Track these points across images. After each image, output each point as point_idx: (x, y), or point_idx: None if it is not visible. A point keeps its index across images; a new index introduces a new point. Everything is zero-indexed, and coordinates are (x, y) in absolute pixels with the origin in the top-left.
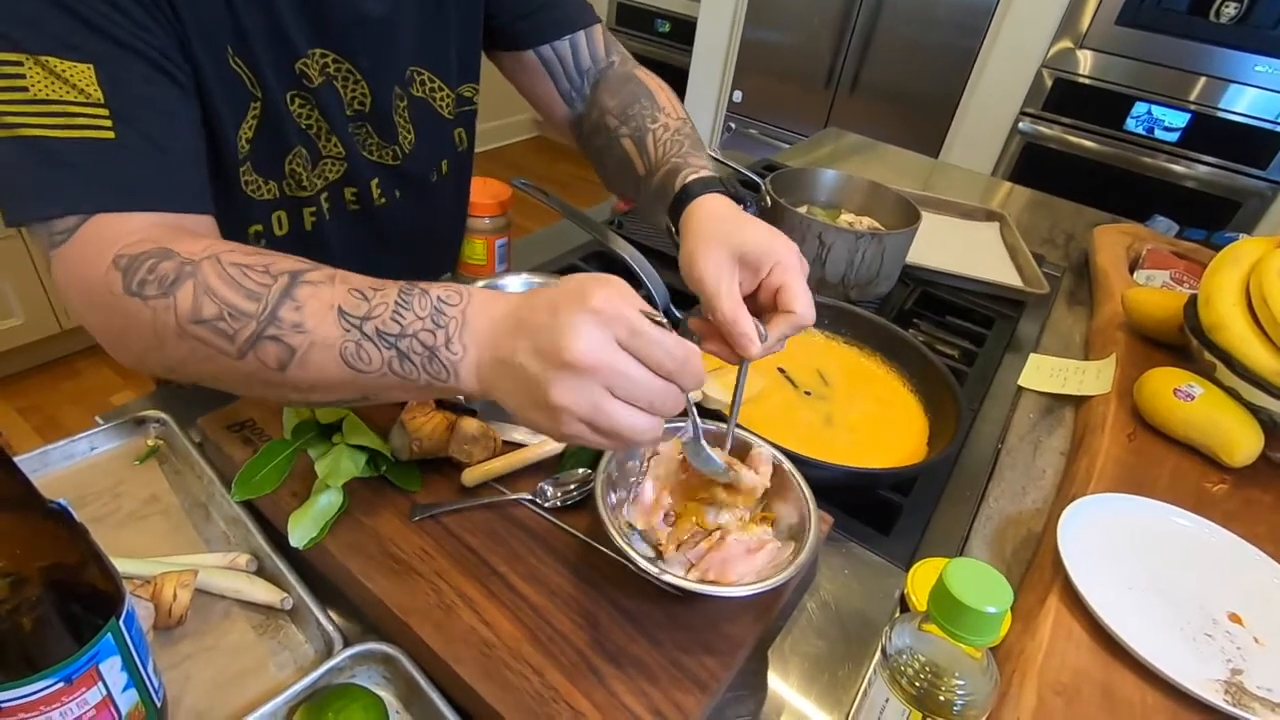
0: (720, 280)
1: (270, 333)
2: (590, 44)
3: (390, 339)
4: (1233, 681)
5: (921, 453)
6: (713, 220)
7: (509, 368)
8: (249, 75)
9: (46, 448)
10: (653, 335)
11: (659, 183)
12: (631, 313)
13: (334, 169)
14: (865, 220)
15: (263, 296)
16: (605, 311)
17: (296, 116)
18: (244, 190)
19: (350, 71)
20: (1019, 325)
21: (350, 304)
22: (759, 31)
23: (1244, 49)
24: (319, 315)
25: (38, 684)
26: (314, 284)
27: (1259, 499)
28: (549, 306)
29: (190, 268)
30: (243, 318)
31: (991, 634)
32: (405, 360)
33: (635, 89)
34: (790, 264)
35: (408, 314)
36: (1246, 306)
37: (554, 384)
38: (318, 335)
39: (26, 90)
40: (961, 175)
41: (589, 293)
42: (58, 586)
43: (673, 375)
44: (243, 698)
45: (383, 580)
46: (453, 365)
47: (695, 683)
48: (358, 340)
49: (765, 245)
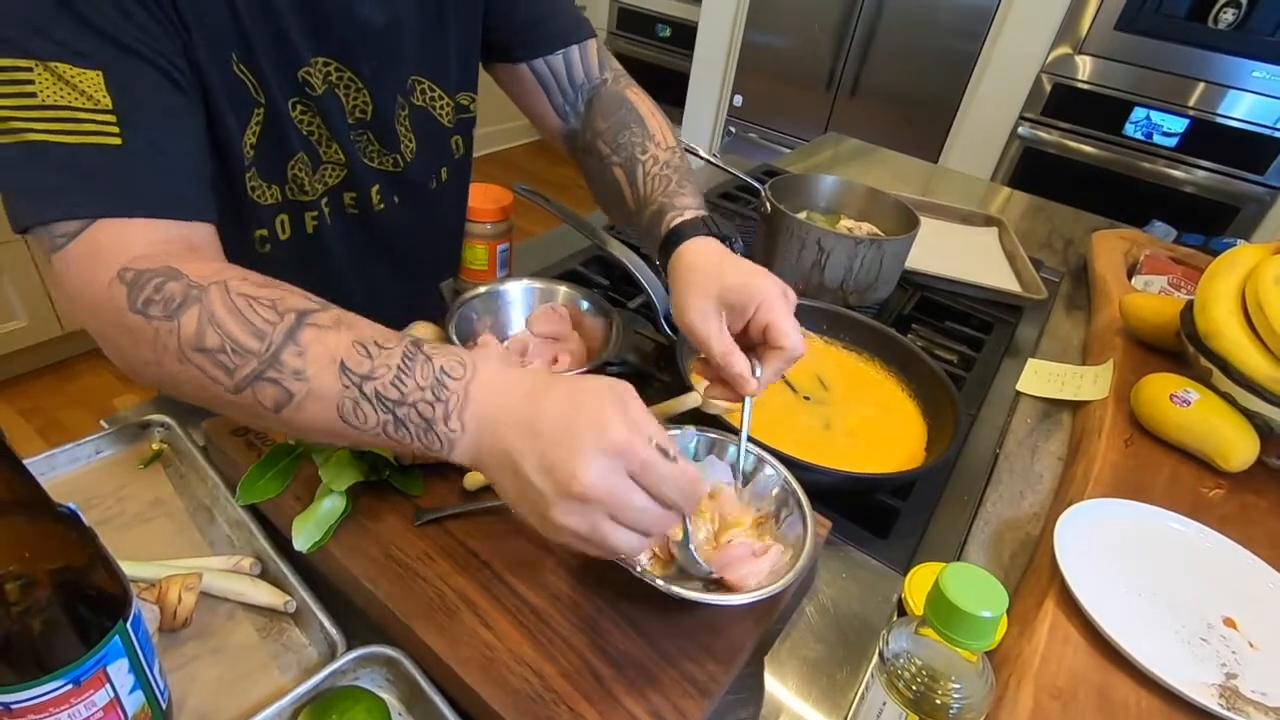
0: (709, 327)
1: (270, 375)
2: (584, 59)
3: (389, 404)
4: (1228, 685)
5: (920, 457)
6: (697, 267)
7: (512, 471)
8: (252, 82)
9: (52, 451)
10: (662, 471)
11: (648, 221)
12: (645, 448)
13: (334, 174)
14: (864, 226)
15: (267, 335)
16: (620, 446)
17: (299, 123)
18: (250, 195)
19: (353, 80)
20: (1017, 330)
21: (353, 360)
22: (759, 36)
23: (1242, 55)
24: (320, 365)
25: (47, 686)
26: (319, 328)
27: (1254, 504)
28: (565, 423)
29: (197, 292)
30: (244, 354)
31: (987, 638)
32: (401, 427)
33: (626, 115)
34: (773, 302)
35: (409, 381)
36: (1242, 313)
37: (558, 505)
38: (316, 385)
39: (35, 96)
40: (961, 180)
41: (608, 423)
42: (67, 589)
43: (675, 504)
44: (246, 700)
45: (386, 583)
46: (449, 441)
47: (695, 686)
48: (356, 399)
49: (747, 287)
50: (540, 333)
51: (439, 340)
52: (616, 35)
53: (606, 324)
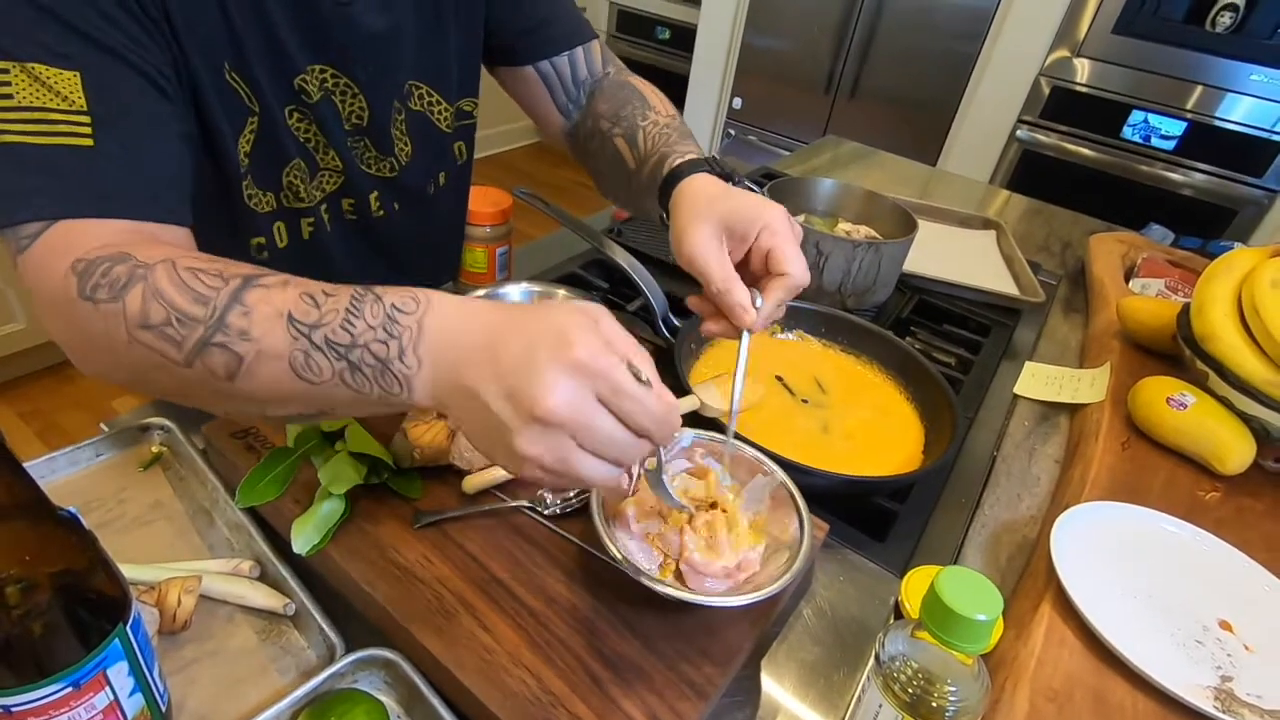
0: (708, 253)
1: (217, 339)
2: (588, 58)
3: (340, 349)
4: (1223, 688)
5: (917, 460)
6: (699, 197)
7: (473, 400)
8: (245, 90)
9: (52, 454)
10: (633, 393)
11: (649, 173)
12: (615, 368)
13: (331, 181)
14: (862, 229)
15: (210, 300)
16: (587, 366)
17: (294, 131)
18: (246, 203)
19: (349, 86)
20: (1015, 333)
21: (300, 310)
22: (758, 38)
23: (1240, 58)
24: (268, 322)
25: (46, 689)
26: (265, 287)
27: (1251, 507)
28: (526, 346)
29: (143, 270)
30: (190, 323)
31: (982, 641)
32: (356, 372)
33: (628, 94)
34: (778, 227)
35: (358, 322)
36: (1238, 316)
37: (521, 433)
38: (265, 344)
39: (11, 97)
40: (959, 183)
41: (572, 339)
42: (67, 592)
43: (647, 432)
44: (246, 702)
45: (384, 586)
46: (406, 379)
47: (692, 688)
48: (306, 350)
49: (751, 211)
50: None
51: None
52: (616, 37)
53: None
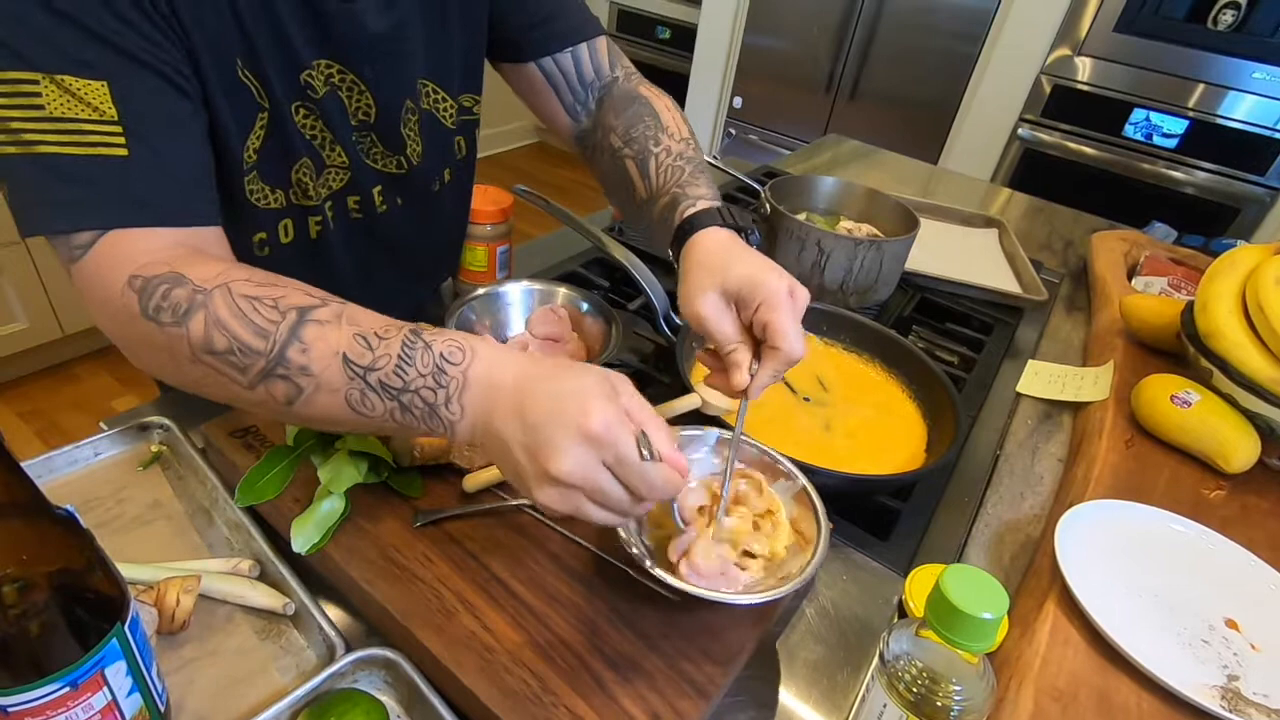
0: (716, 318)
1: (279, 372)
2: (594, 56)
3: (393, 391)
4: (1229, 687)
5: (920, 459)
6: (707, 259)
7: (503, 448)
8: (257, 86)
9: (51, 454)
10: (635, 469)
11: (660, 212)
12: (623, 442)
13: (337, 178)
14: (864, 227)
15: (270, 335)
16: (600, 437)
17: (301, 127)
18: (249, 199)
19: (355, 82)
20: (1017, 331)
21: (355, 352)
22: (759, 38)
23: (1242, 56)
24: (324, 361)
25: (44, 688)
26: (320, 323)
27: (1256, 505)
28: (550, 410)
29: (202, 297)
30: (252, 354)
31: (987, 640)
32: (406, 412)
33: (640, 109)
34: (776, 300)
35: (410, 370)
36: (1243, 313)
37: (539, 485)
38: (323, 380)
39: (43, 109)
40: (960, 181)
41: (589, 409)
42: (64, 592)
43: (646, 497)
44: (245, 702)
45: (384, 585)
46: (450, 424)
47: (694, 687)
48: (362, 390)
49: (752, 281)
50: (540, 334)
51: None
52: (616, 37)
53: (606, 325)
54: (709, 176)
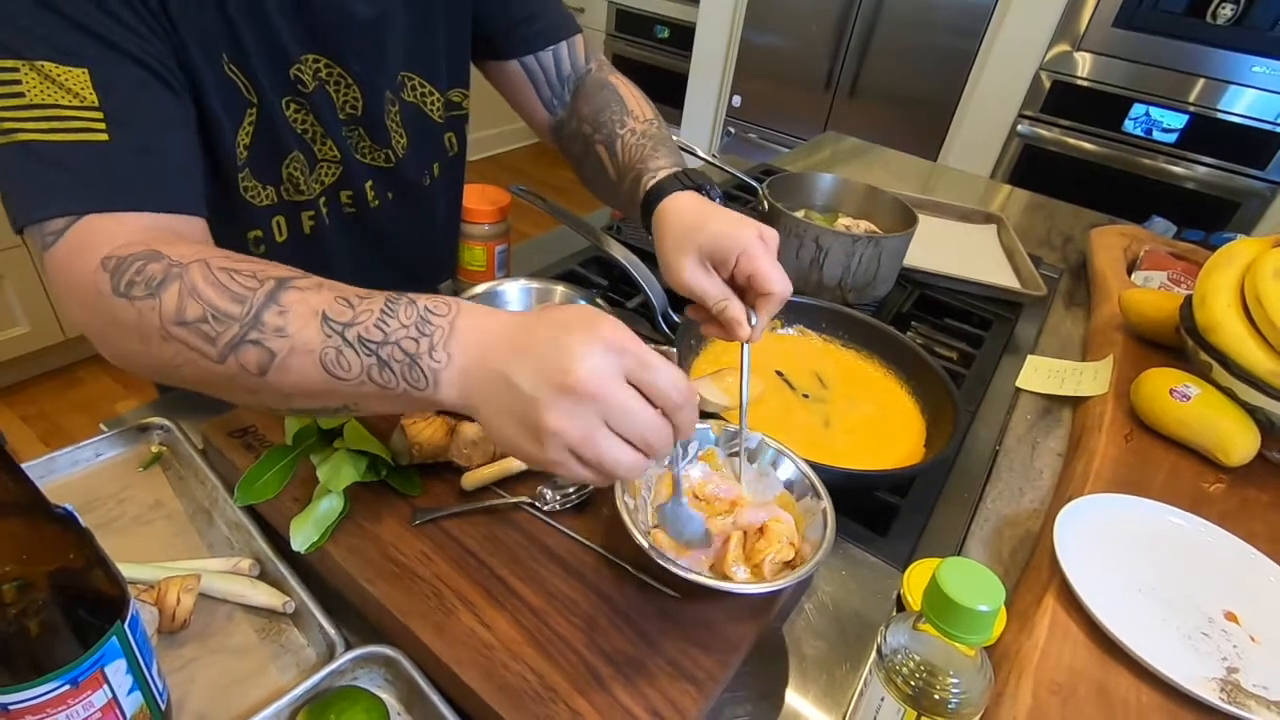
0: (700, 280)
1: (252, 336)
2: (571, 53)
3: (371, 345)
4: (1229, 680)
5: (919, 454)
6: (678, 223)
7: (500, 383)
8: (245, 82)
9: (52, 454)
10: (660, 366)
11: (629, 188)
12: (640, 345)
13: (330, 172)
14: (863, 224)
15: (247, 299)
16: (615, 341)
17: (292, 122)
18: (243, 196)
19: (342, 75)
20: (1017, 327)
21: (335, 310)
22: (758, 36)
23: (1241, 50)
24: (302, 320)
25: (44, 687)
26: (301, 289)
27: (1255, 498)
28: (556, 326)
29: (178, 269)
30: (226, 320)
31: (984, 632)
32: (385, 368)
33: (607, 95)
34: (754, 250)
35: (392, 321)
36: (1241, 307)
37: (550, 406)
38: (299, 340)
39: (23, 96)
40: (960, 178)
41: (598, 322)
42: (64, 590)
43: (672, 411)
44: (245, 701)
45: (384, 584)
46: (433, 373)
47: (693, 683)
48: (339, 346)
49: (727, 238)
50: None
51: None
52: (615, 36)
53: None
54: (671, 148)
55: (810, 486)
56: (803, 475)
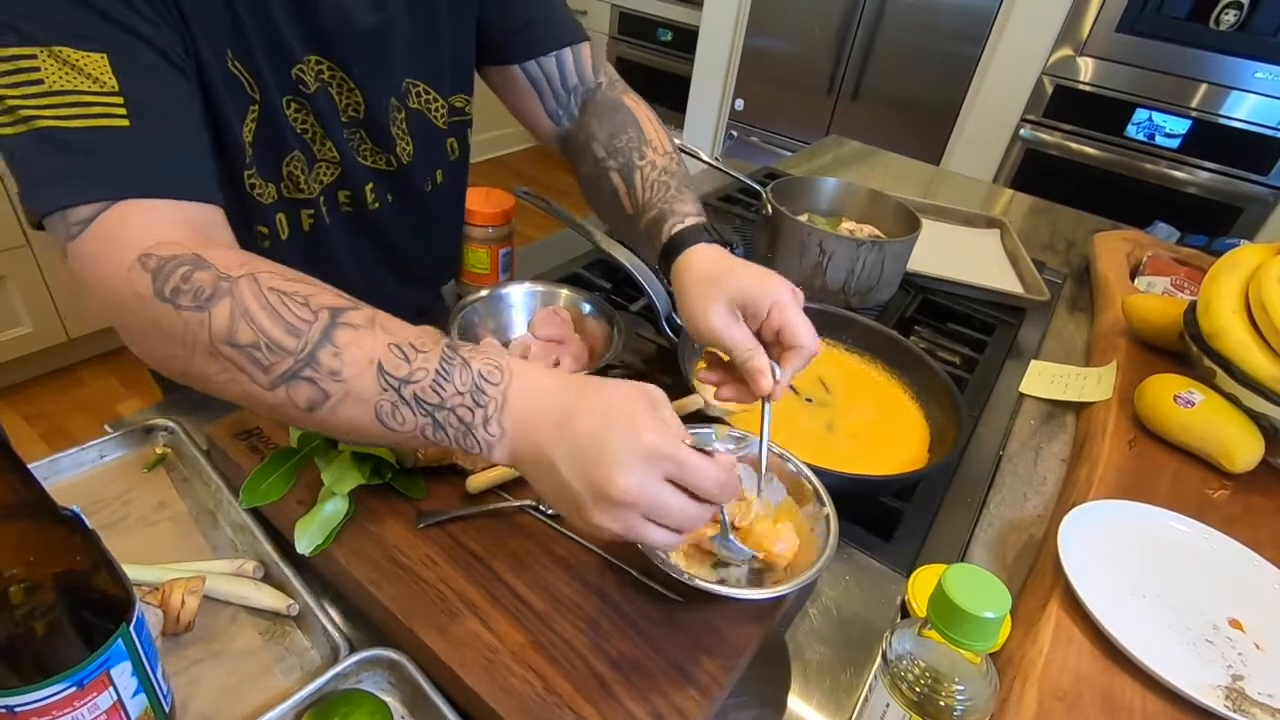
0: (729, 328)
1: (306, 374)
2: (578, 62)
3: (428, 407)
4: (1234, 687)
5: (923, 459)
6: (706, 273)
7: (551, 473)
8: (248, 79)
9: (57, 456)
10: (698, 467)
11: (646, 228)
12: (680, 449)
13: (328, 172)
14: (866, 228)
15: (303, 334)
16: (656, 449)
17: (293, 121)
18: (250, 192)
19: (344, 80)
20: (1020, 332)
21: (391, 363)
22: (760, 40)
23: (1244, 56)
24: (358, 367)
25: (50, 688)
26: (354, 328)
27: (1260, 505)
28: (601, 433)
29: (228, 284)
30: (279, 352)
31: (990, 639)
32: (440, 429)
33: (623, 118)
34: (786, 301)
35: (448, 386)
36: (1246, 313)
37: (595, 508)
38: (354, 388)
39: (42, 83)
40: (962, 182)
41: (641, 428)
42: (70, 592)
43: (712, 498)
44: (249, 703)
45: (388, 586)
46: (488, 445)
47: (697, 687)
48: (394, 402)
49: (760, 289)
50: (542, 336)
51: None
52: (618, 40)
53: (608, 327)
54: (694, 194)
55: (813, 492)
56: (807, 482)
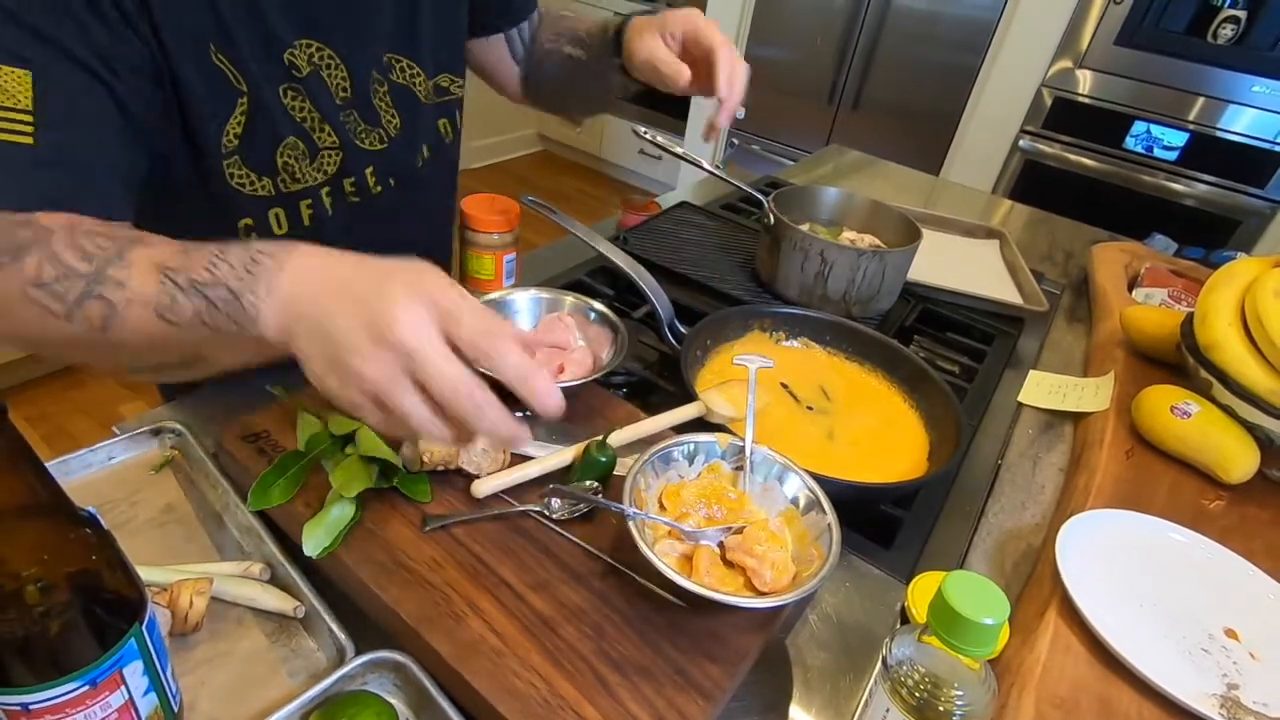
0: (656, 47)
1: (96, 291)
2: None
3: (200, 288)
4: (1229, 696)
5: (922, 468)
6: (643, 27)
7: (325, 324)
8: (233, 72)
9: (65, 457)
10: (466, 318)
11: (598, 48)
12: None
13: (331, 160)
14: (867, 238)
15: (96, 257)
16: (443, 296)
17: (290, 110)
18: (230, 184)
19: (332, 57)
20: (1019, 342)
21: (174, 260)
22: (762, 49)
23: (1242, 70)
24: (143, 272)
25: (64, 687)
26: (149, 245)
27: (1255, 515)
28: (385, 278)
29: (44, 234)
30: (74, 278)
31: (989, 645)
32: (213, 309)
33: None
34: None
35: (222, 265)
36: (1242, 325)
37: (368, 353)
38: (136, 291)
39: None
40: (962, 192)
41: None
42: (85, 591)
43: (480, 360)
44: (256, 704)
45: (394, 589)
46: (254, 309)
47: (699, 691)
48: (173, 294)
49: (679, 16)
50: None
51: None
52: None
53: (611, 333)
54: None
55: (815, 501)
56: (808, 490)
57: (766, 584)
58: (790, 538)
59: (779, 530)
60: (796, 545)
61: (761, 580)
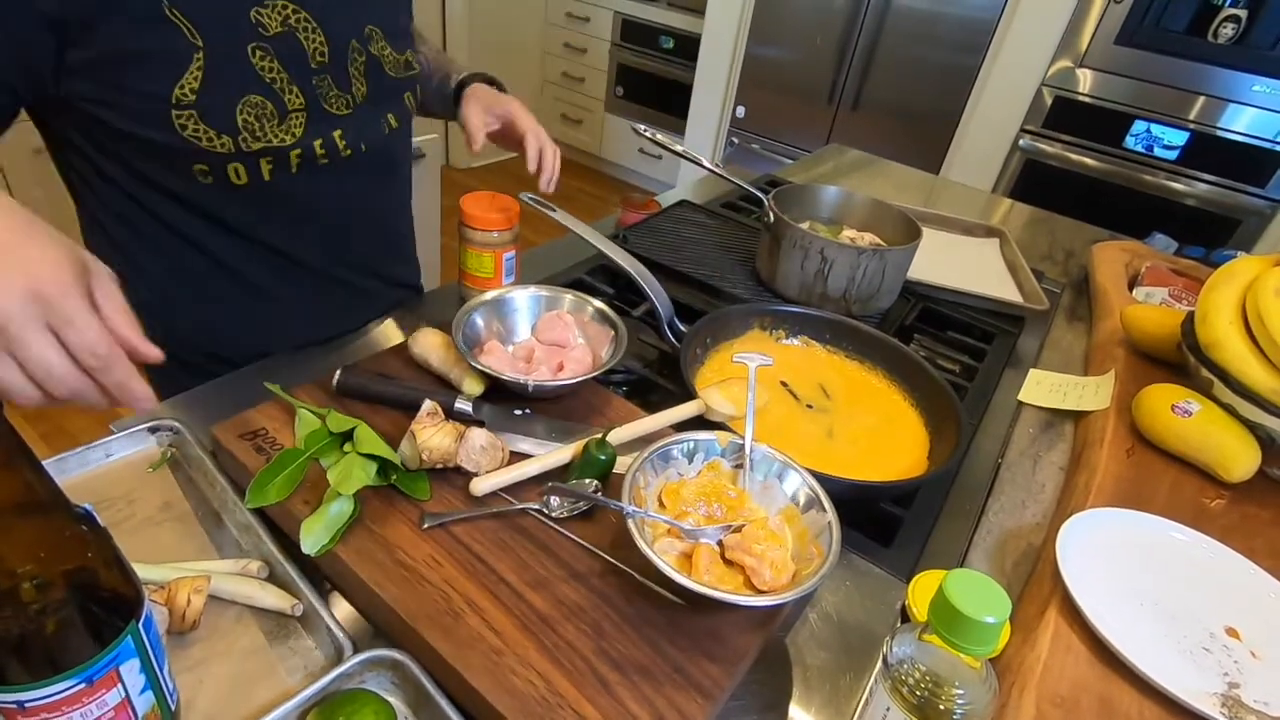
0: (474, 116)
1: None
2: None
3: None
4: (1230, 695)
5: (922, 466)
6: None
7: None
8: (187, 26)
9: (63, 454)
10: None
11: (438, 84)
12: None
13: (298, 123)
14: (867, 236)
15: None
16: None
17: (260, 70)
18: (181, 134)
19: (308, 20)
20: (1019, 341)
21: None
22: (762, 48)
23: (1242, 69)
24: None
25: (60, 684)
26: None
27: (1256, 514)
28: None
29: None
30: None
31: (990, 644)
32: None
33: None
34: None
35: None
36: (1243, 324)
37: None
38: None
39: None
40: (962, 191)
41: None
42: (81, 589)
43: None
44: (254, 702)
45: (392, 587)
46: None
47: (699, 690)
48: None
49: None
50: (546, 339)
51: (445, 348)
52: (620, 46)
53: (611, 332)
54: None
55: (815, 499)
56: (808, 488)
57: (766, 582)
58: (790, 536)
59: (779, 528)
60: (796, 544)
61: (761, 579)
